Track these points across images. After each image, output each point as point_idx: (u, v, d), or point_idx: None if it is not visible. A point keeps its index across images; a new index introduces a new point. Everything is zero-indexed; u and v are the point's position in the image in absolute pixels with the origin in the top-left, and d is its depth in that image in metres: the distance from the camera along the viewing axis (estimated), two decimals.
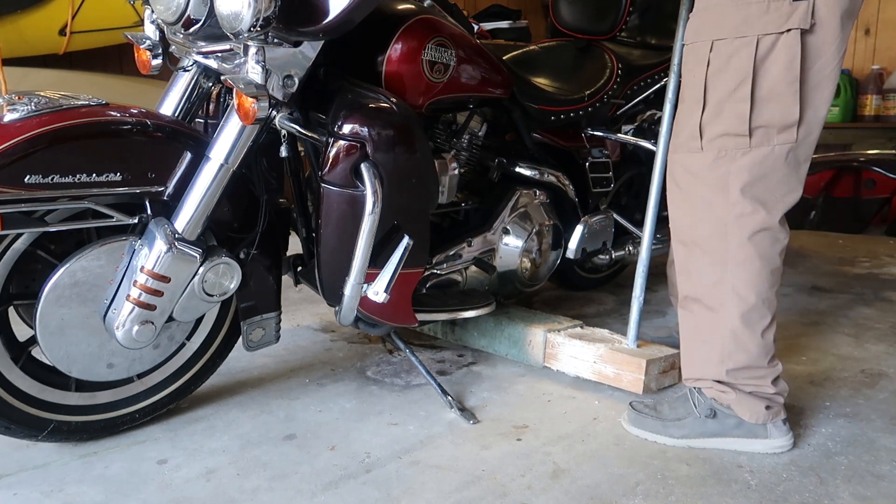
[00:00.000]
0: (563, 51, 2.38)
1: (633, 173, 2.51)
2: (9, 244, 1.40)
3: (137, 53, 1.65)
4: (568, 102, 2.14)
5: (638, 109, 2.39)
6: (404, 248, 1.57)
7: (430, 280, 1.89)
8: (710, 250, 1.50)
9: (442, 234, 1.95)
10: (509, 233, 2.04)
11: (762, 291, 1.48)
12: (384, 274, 1.57)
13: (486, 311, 1.94)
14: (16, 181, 1.29)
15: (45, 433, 1.50)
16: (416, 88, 1.66)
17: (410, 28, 1.63)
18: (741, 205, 1.44)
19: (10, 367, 1.46)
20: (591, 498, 1.39)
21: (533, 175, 2.09)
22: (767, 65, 1.38)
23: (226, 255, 1.51)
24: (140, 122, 1.43)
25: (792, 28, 1.35)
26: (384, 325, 1.77)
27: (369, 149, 1.50)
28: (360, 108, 1.52)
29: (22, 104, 1.35)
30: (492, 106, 2.00)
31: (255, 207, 1.60)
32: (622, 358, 1.83)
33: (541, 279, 2.19)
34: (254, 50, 1.37)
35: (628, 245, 2.41)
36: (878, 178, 3.96)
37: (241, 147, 1.47)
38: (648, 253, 1.89)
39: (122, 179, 1.40)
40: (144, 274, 1.43)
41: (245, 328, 1.66)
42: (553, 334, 1.97)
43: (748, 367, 1.52)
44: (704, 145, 1.46)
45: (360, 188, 1.50)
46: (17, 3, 2.99)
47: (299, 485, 1.44)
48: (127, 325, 1.44)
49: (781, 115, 1.40)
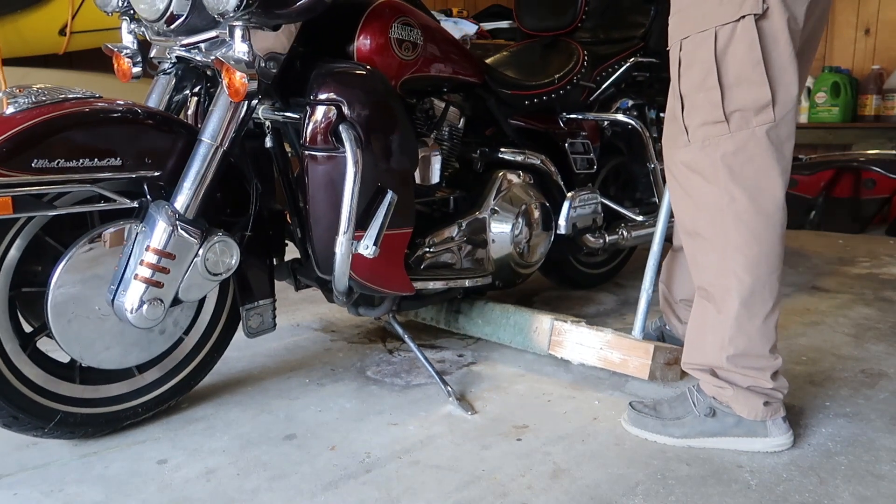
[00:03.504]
0: (530, 49, 2.52)
1: (616, 162, 2.59)
2: (20, 229, 1.45)
3: (117, 63, 1.74)
4: (539, 86, 2.22)
5: (610, 95, 2.48)
6: (388, 202, 1.63)
7: (425, 260, 1.92)
8: (711, 238, 1.53)
9: (433, 221, 1.99)
10: (498, 212, 2.08)
11: (762, 275, 1.50)
12: (372, 228, 1.62)
13: (483, 282, 2.02)
14: (24, 166, 1.36)
15: (51, 424, 1.51)
16: (388, 67, 1.73)
17: (377, 9, 1.73)
18: (732, 190, 1.48)
19: (18, 353, 1.49)
20: (591, 498, 1.39)
21: (515, 159, 2.16)
22: (730, 52, 1.44)
23: (223, 233, 1.57)
24: (133, 111, 1.53)
25: (746, 14, 1.41)
26: (383, 300, 1.83)
27: (346, 110, 1.59)
28: (333, 74, 1.62)
29: (23, 97, 1.42)
30: (467, 94, 2.05)
31: (245, 194, 1.68)
32: (629, 343, 1.86)
33: (536, 259, 2.22)
34: (239, 31, 1.48)
35: (621, 229, 2.45)
36: (878, 178, 3.96)
37: (230, 127, 1.55)
38: (660, 247, 1.89)
39: (122, 164, 1.48)
40: (151, 252, 1.48)
41: (244, 314, 1.73)
42: (560, 322, 1.99)
43: (748, 354, 1.53)
44: (691, 137, 1.52)
45: (340, 149, 1.59)
46: (17, 3, 2.99)
47: (299, 485, 1.44)
48: (137, 304, 1.48)
49: (754, 97, 1.45)
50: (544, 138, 2.30)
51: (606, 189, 2.54)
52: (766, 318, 1.52)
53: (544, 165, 2.24)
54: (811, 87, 5.04)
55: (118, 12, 1.69)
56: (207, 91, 1.76)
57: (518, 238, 2.12)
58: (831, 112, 5.01)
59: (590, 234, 2.36)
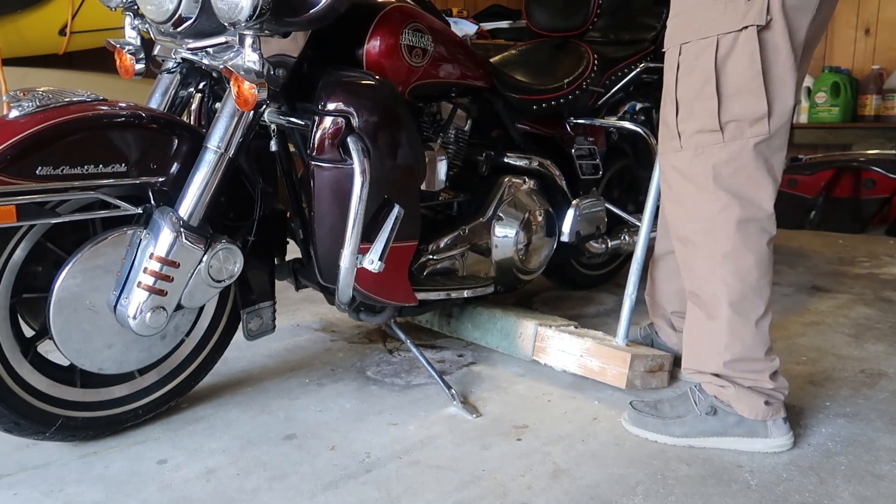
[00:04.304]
0: (539, 49, 2.48)
1: (621, 165, 2.57)
2: (22, 236, 1.43)
3: (120, 59, 1.71)
4: (548, 91, 2.19)
5: (618, 99, 2.45)
6: (395, 216, 1.62)
7: (427, 267, 1.91)
8: (702, 244, 1.54)
9: (437, 226, 1.98)
10: (502, 219, 2.07)
11: (752, 281, 1.51)
12: (378, 242, 1.61)
13: (483, 291, 1.99)
14: (28, 173, 1.34)
15: (52, 429, 1.51)
16: (398, 73, 1.71)
17: (387, 15, 1.70)
18: (724, 198, 1.49)
19: (20, 360, 1.48)
20: (591, 498, 1.39)
21: (521, 164, 2.14)
22: (730, 62, 1.44)
23: (227, 240, 1.56)
24: (137, 115, 1.50)
25: (748, 25, 1.41)
26: (384, 308, 1.81)
27: (354, 122, 1.56)
28: (342, 84, 1.59)
29: (27, 100, 1.39)
30: (474, 97, 2.04)
31: (249, 198, 1.67)
32: (607, 352, 1.85)
33: (538, 266, 2.21)
34: (250, 40, 1.44)
35: (624, 234, 2.44)
36: (878, 178, 3.95)
37: (237, 135, 1.53)
38: (644, 252, 1.89)
39: (127, 170, 1.46)
40: (154, 260, 1.47)
41: (245, 317, 1.72)
42: (544, 328, 1.97)
43: (745, 359, 1.53)
44: (683, 144, 1.52)
45: (348, 162, 1.57)
46: (17, 3, 2.99)
47: (299, 485, 1.44)
48: (140, 312, 1.47)
49: (751, 108, 1.45)
50: (550, 143, 2.28)
51: (610, 192, 2.53)
52: (759, 322, 1.53)
53: (550, 170, 2.21)
54: (811, 87, 5.03)
55: (122, 7, 1.67)
56: (212, 90, 1.74)
57: (521, 245, 2.10)
58: (831, 112, 5.01)
59: (593, 240, 2.34)
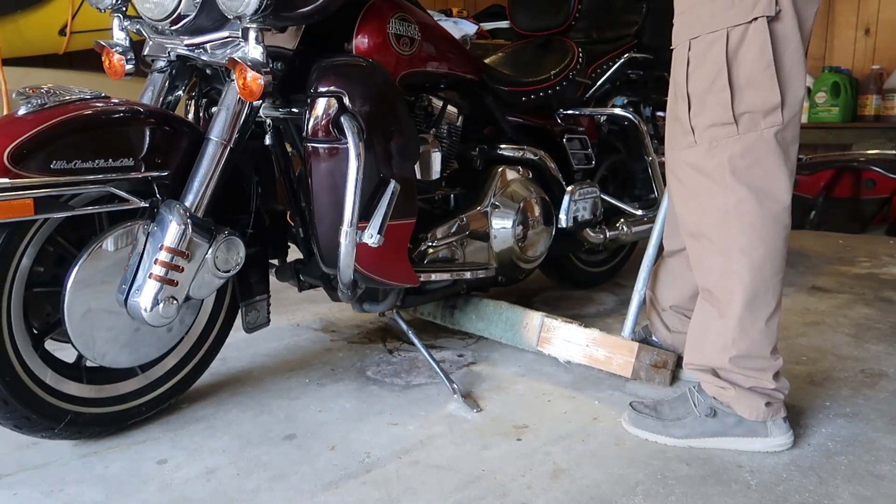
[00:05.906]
0: (525, 48, 2.55)
1: (613, 160, 2.62)
2: (37, 230, 1.45)
3: (108, 60, 1.72)
4: (536, 83, 2.25)
5: (606, 93, 2.51)
6: (391, 191, 1.63)
7: (427, 255, 1.93)
8: (716, 240, 1.53)
9: (435, 218, 2.00)
10: (499, 207, 2.09)
11: (766, 277, 1.50)
12: (375, 217, 1.62)
13: (485, 273, 2.03)
14: (43, 168, 1.37)
15: (62, 425, 1.52)
16: (387, 61, 1.74)
17: (374, 5, 1.74)
18: (739, 191, 1.48)
19: (31, 354, 1.49)
20: (591, 498, 1.39)
21: (514, 155, 2.19)
22: (741, 54, 1.44)
23: (230, 232, 1.59)
24: (141, 111, 1.54)
25: (758, 16, 1.41)
26: (387, 295, 1.84)
27: (347, 102, 1.59)
28: (333, 67, 1.63)
29: (36, 97, 1.43)
30: (464, 92, 2.07)
31: (246, 192, 1.70)
32: (614, 341, 1.86)
33: (538, 254, 2.23)
34: (254, 33, 1.48)
35: (622, 224, 2.47)
36: (878, 178, 3.96)
37: (239, 126, 1.57)
38: (655, 250, 1.89)
39: (135, 164, 1.49)
40: (165, 251, 1.49)
41: (243, 310, 1.75)
42: (550, 319, 1.99)
43: (750, 356, 1.53)
44: (697, 138, 1.51)
45: (342, 141, 1.58)
46: (17, 3, 2.99)
47: (299, 485, 1.44)
48: (153, 303, 1.49)
49: (763, 99, 1.44)
50: (542, 134, 2.32)
51: (605, 186, 2.56)
52: (769, 320, 1.52)
53: (543, 161, 2.26)
54: (811, 87, 5.04)
55: (110, 9, 1.69)
56: (202, 87, 1.77)
57: (519, 232, 2.13)
58: (831, 112, 5.01)
59: (590, 228, 2.38)
